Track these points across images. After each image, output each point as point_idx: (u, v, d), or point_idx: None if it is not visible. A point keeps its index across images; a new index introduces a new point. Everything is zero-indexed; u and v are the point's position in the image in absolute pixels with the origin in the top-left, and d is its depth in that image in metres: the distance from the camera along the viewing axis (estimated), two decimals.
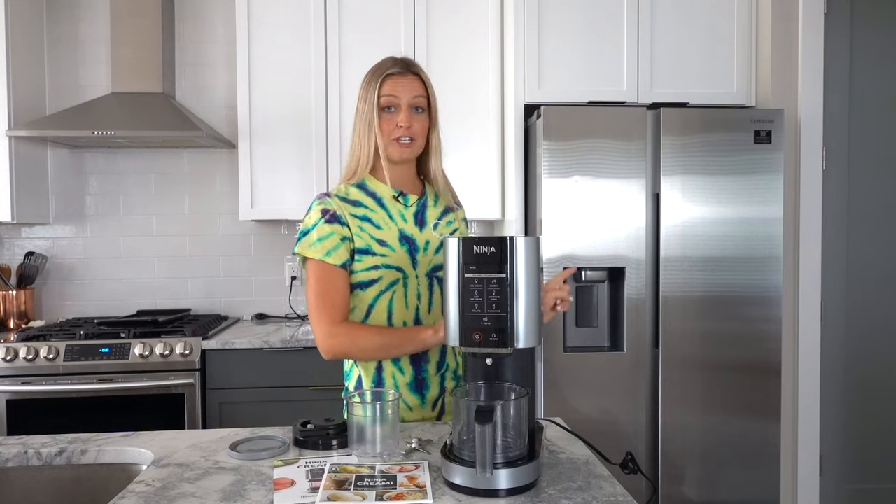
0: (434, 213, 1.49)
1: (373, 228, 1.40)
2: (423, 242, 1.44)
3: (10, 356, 2.39)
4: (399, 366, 1.41)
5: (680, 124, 2.31)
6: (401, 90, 1.39)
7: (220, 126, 3.05)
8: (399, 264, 1.40)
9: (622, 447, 2.23)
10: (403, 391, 1.41)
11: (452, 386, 1.44)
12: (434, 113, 1.45)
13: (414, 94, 1.40)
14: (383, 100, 1.39)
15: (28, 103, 2.80)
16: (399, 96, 1.39)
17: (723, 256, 2.33)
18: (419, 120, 1.41)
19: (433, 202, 1.50)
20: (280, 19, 2.76)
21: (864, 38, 2.59)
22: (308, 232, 1.38)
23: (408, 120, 1.39)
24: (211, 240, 3.10)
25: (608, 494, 1.01)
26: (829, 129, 2.57)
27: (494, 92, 2.78)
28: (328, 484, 1.03)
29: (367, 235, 1.39)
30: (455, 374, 1.46)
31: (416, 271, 1.42)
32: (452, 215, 1.52)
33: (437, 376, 1.43)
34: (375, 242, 1.39)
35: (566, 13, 2.52)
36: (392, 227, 1.42)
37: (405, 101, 1.39)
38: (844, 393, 2.61)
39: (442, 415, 1.45)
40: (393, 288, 1.40)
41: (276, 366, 2.52)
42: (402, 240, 1.42)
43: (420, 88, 1.42)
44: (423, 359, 1.42)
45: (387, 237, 1.40)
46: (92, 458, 1.23)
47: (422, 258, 1.43)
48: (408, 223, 1.44)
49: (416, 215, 1.46)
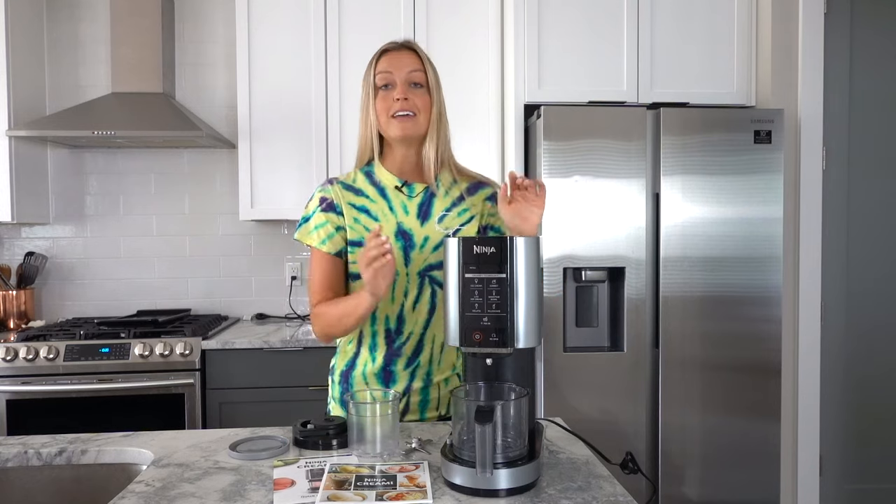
0: (442, 203, 1.42)
1: (369, 220, 1.38)
2: (420, 238, 1.39)
3: (10, 356, 2.39)
4: (373, 355, 1.41)
5: (680, 124, 2.31)
6: (395, 65, 1.36)
7: (220, 126, 3.05)
8: None
9: (622, 447, 2.23)
10: (371, 380, 1.41)
11: (420, 386, 1.41)
12: (433, 92, 1.39)
13: (409, 68, 1.36)
14: (378, 77, 1.37)
15: (28, 103, 2.80)
16: (393, 72, 1.36)
17: (723, 256, 2.33)
18: (418, 94, 1.37)
19: (444, 191, 1.43)
20: (280, 19, 2.76)
21: (864, 38, 2.59)
22: (308, 219, 1.41)
23: (403, 92, 1.35)
24: (211, 240, 3.10)
25: (608, 494, 1.01)
26: (829, 129, 2.57)
27: (494, 92, 2.78)
28: (328, 484, 1.03)
29: (360, 227, 1.38)
30: (427, 374, 1.41)
31: (406, 269, 1.39)
32: (468, 202, 1.43)
33: (405, 372, 1.40)
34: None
35: (566, 13, 2.52)
36: (390, 220, 1.39)
37: (401, 77, 1.36)
38: (844, 393, 2.61)
39: (406, 412, 1.41)
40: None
41: (276, 366, 2.52)
42: (399, 234, 1.38)
43: (415, 63, 1.38)
44: (394, 353, 1.40)
45: (382, 231, 1.37)
46: (92, 458, 1.23)
47: (416, 255, 1.39)
48: (409, 215, 1.40)
49: (420, 206, 1.41)
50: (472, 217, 1.43)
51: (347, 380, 1.44)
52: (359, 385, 1.42)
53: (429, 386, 1.42)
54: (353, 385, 1.43)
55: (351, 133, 2.75)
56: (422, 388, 1.42)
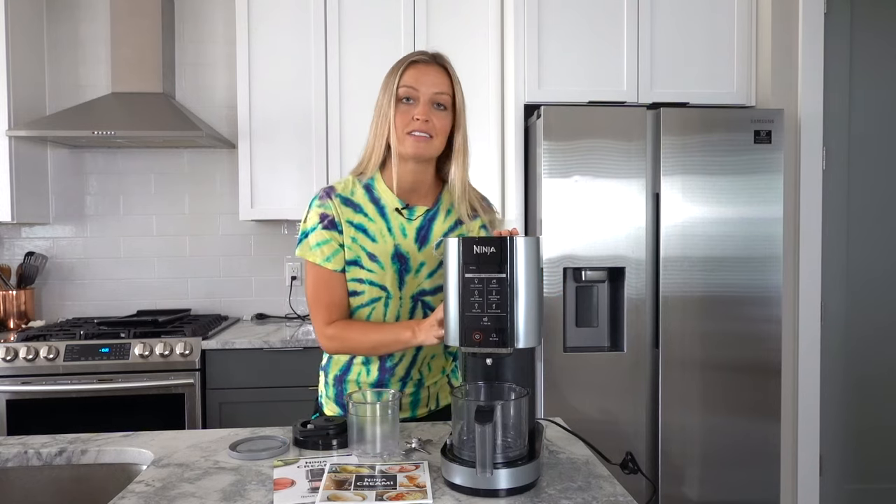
0: (442, 227, 1.40)
1: (366, 240, 1.35)
2: (417, 263, 1.38)
3: (10, 356, 2.39)
4: (368, 368, 1.41)
5: (680, 124, 2.31)
6: (422, 81, 1.30)
7: (220, 126, 3.05)
8: (384, 283, 1.36)
9: (622, 447, 2.23)
10: (364, 388, 1.41)
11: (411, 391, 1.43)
12: (459, 114, 1.34)
13: (436, 88, 1.30)
14: (402, 90, 1.30)
15: (28, 103, 2.80)
16: (419, 88, 1.30)
17: (723, 256, 2.33)
18: (440, 117, 1.31)
19: (444, 214, 1.41)
20: (280, 19, 2.76)
21: (864, 38, 2.59)
22: (308, 234, 1.36)
23: (425, 113, 1.29)
24: (211, 240, 3.10)
25: (608, 494, 1.01)
26: (829, 129, 2.57)
27: (494, 92, 2.78)
28: (328, 484, 1.03)
29: (357, 247, 1.35)
30: (418, 382, 1.42)
31: (400, 292, 1.38)
32: (463, 228, 1.42)
33: (398, 383, 1.41)
34: (366, 256, 1.35)
35: (566, 13, 2.52)
36: (388, 242, 1.36)
37: (426, 94, 1.30)
38: (844, 393, 2.61)
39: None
40: (373, 304, 1.38)
41: (276, 366, 2.52)
42: (395, 258, 1.36)
43: (444, 84, 1.31)
44: (387, 371, 1.41)
45: (379, 252, 1.35)
46: (92, 458, 1.23)
47: (411, 280, 1.38)
48: (407, 238, 1.37)
49: (419, 230, 1.39)
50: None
51: (342, 384, 1.44)
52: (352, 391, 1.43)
53: (420, 388, 1.44)
54: (346, 390, 1.44)
55: (351, 133, 2.75)
56: (413, 392, 1.44)
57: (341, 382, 1.44)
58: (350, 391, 1.42)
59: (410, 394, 1.43)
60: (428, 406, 1.46)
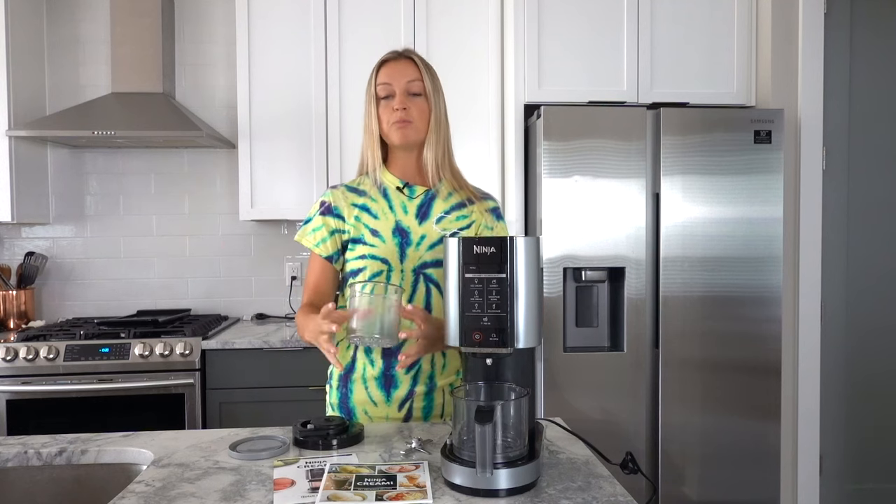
0: (442, 206, 1.45)
1: (369, 218, 1.43)
2: (417, 236, 1.42)
3: (10, 356, 2.39)
4: (370, 358, 1.42)
5: (680, 124, 2.31)
6: (395, 76, 1.41)
7: (220, 126, 3.05)
8: (385, 256, 1.41)
9: (622, 447, 2.23)
10: (371, 384, 1.42)
11: (423, 391, 1.42)
12: (431, 98, 1.42)
13: (408, 78, 1.41)
14: (379, 89, 1.41)
15: (28, 103, 2.80)
16: (392, 83, 1.40)
17: (723, 256, 2.33)
18: (416, 103, 1.41)
19: (445, 196, 1.46)
20: (280, 19, 2.76)
21: (864, 38, 2.59)
22: (309, 221, 1.47)
23: (402, 102, 1.39)
24: (211, 240, 3.10)
25: (608, 494, 1.01)
26: (829, 129, 2.57)
27: (494, 92, 2.78)
28: (328, 484, 1.03)
29: (361, 225, 1.43)
30: (429, 377, 1.42)
31: (402, 265, 1.41)
32: (468, 209, 1.46)
33: (407, 376, 1.41)
34: (368, 232, 1.42)
35: (566, 13, 2.52)
36: (389, 218, 1.43)
37: (400, 86, 1.40)
38: (844, 393, 2.61)
39: (409, 418, 1.42)
40: (375, 279, 1.40)
41: (276, 366, 2.52)
42: (396, 231, 1.42)
43: (414, 73, 1.42)
44: (393, 355, 1.39)
45: (381, 228, 1.42)
46: (92, 458, 1.23)
47: (412, 252, 1.42)
48: (408, 214, 1.44)
49: (419, 207, 1.45)
50: (471, 223, 1.46)
51: (346, 384, 1.44)
52: (358, 391, 1.42)
53: (433, 391, 1.42)
54: (352, 391, 1.43)
55: (351, 133, 2.75)
56: (425, 394, 1.42)
57: (346, 384, 1.44)
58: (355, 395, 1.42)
59: (423, 394, 1.42)
60: (443, 417, 1.43)
